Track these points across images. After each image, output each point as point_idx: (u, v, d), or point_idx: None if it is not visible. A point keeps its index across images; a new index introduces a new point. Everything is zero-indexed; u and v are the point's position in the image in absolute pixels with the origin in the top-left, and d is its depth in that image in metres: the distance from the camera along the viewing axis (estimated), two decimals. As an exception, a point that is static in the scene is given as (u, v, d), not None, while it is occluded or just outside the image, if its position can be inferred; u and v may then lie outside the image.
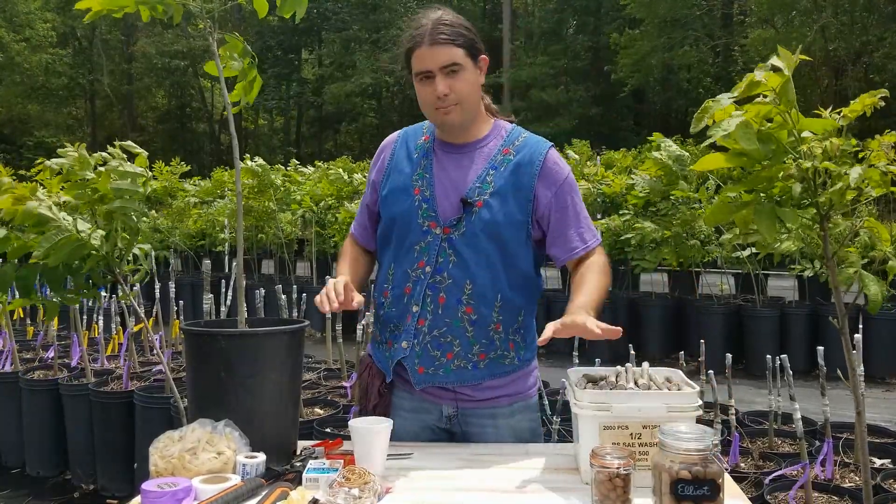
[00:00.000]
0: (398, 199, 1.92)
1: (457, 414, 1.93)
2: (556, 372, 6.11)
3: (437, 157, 1.94)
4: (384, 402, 1.95)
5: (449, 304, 1.86)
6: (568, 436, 3.06)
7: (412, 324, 1.88)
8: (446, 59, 1.81)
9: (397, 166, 1.97)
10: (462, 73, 1.84)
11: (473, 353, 1.88)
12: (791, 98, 1.64)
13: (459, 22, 1.88)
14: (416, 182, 1.92)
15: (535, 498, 1.58)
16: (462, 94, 1.84)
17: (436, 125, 1.95)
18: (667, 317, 7.16)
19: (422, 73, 1.84)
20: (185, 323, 1.81)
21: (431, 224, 1.87)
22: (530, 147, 1.93)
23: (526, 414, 1.98)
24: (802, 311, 6.55)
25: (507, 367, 1.92)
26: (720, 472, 1.35)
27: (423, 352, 1.88)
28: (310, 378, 4.39)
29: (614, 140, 22.57)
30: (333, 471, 1.56)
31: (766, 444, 3.33)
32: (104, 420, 3.95)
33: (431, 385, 1.90)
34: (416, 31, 1.85)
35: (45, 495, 4.08)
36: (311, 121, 31.92)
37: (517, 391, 1.96)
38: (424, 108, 1.90)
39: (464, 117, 1.88)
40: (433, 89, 1.83)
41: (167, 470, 1.54)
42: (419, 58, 1.83)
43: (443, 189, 1.89)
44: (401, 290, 1.91)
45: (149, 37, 29.77)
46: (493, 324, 1.87)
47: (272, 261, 9.77)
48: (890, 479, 2.87)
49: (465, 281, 1.85)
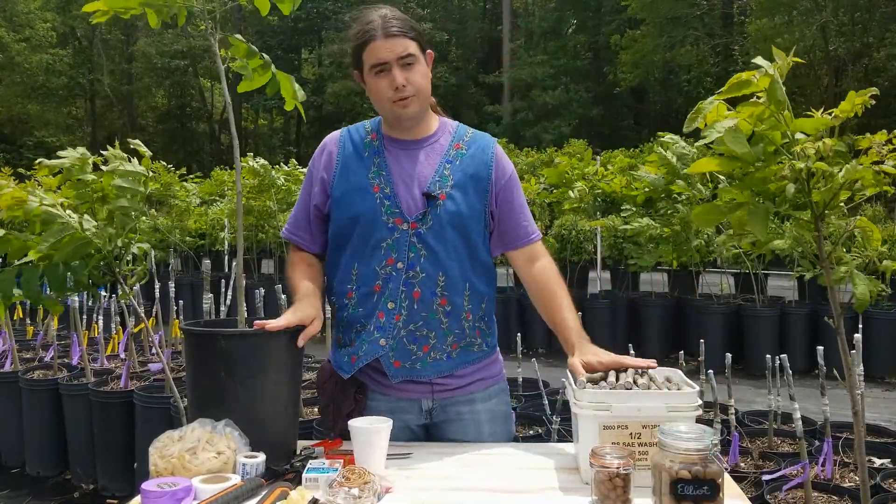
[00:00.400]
0: (357, 198, 1.90)
1: (436, 405, 1.95)
2: (555, 372, 6.11)
3: (390, 153, 1.94)
4: (360, 406, 1.93)
5: (424, 297, 1.87)
6: (568, 435, 3.06)
7: (387, 319, 1.87)
8: (402, 49, 1.83)
9: (347, 165, 1.94)
10: (416, 64, 1.86)
11: (447, 343, 1.90)
12: (780, 99, 1.63)
13: (406, 17, 1.91)
14: (372, 180, 1.91)
15: (535, 498, 1.58)
16: (418, 86, 1.87)
17: (391, 120, 1.94)
18: (666, 316, 7.16)
19: (377, 65, 1.84)
20: (185, 322, 1.81)
21: (397, 220, 1.87)
22: (479, 141, 2.00)
23: (501, 397, 2.05)
24: (802, 311, 6.55)
25: (476, 354, 1.96)
26: (720, 472, 1.35)
27: (398, 346, 1.88)
28: (310, 378, 4.39)
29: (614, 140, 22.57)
30: (333, 470, 1.56)
31: (766, 443, 3.33)
32: (104, 420, 3.96)
33: (408, 379, 1.91)
34: (367, 25, 1.86)
35: (45, 495, 4.09)
36: (310, 120, 31.92)
37: (490, 375, 2.01)
38: (380, 103, 1.89)
39: (420, 109, 1.90)
40: (390, 81, 1.84)
41: (167, 470, 1.54)
42: (373, 51, 1.84)
43: (403, 185, 1.90)
44: (369, 289, 1.89)
45: (149, 36, 29.74)
46: (464, 312, 1.91)
47: (272, 260, 9.77)
48: (890, 479, 2.87)
49: (438, 273, 1.87)
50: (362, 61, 1.88)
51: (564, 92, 24.68)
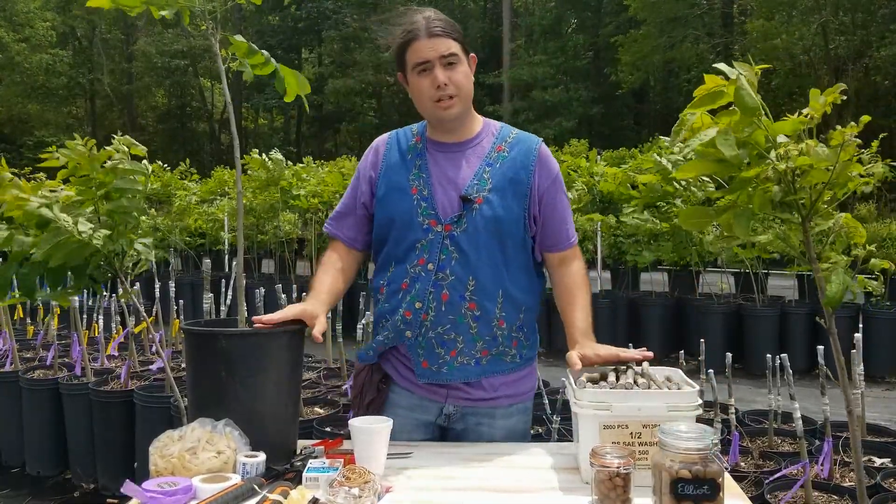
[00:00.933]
0: (395, 199, 1.92)
1: (456, 412, 1.94)
2: (556, 371, 6.12)
3: (431, 156, 1.95)
4: (381, 397, 1.95)
5: (452, 300, 1.86)
6: (568, 435, 3.06)
7: (414, 318, 1.88)
8: (445, 49, 1.84)
9: (392, 166, 1.97)
10: (459, 65, 1.87)
11: (476, 349, 1.89)
12: (749, 104, 1.63)
13: (450, 20, 1.93)
14: (412, 181, 1.92)
15: (535, 497, 1.58)
16: (460, 86, 1.87)
17: (433, 121, 1.96)
18: (667, 316, 7.17)
19: (420, 64, 1.86)
20: (186, 322, 1.81)
21: (432, 222, 1.88)
22: (523, 142, 1.98)
23: (522, 416, 2.02)
24: (802, 311, 6.56)
25: (508, 365, 1.94)
26: (720, 472, 1.35)
27: (427, 345, 1.89)
28: (310, 377, 4.39)
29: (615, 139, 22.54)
30: (333, 470, 1.56)
31: (766, 443, 3.33)
32: (104, 419, 3.96)
33: (433, 382, 1.91)
34: (411, 25, 1.87)
35: (46, 494, 4.09)
36: (310, 120, 31.91)
37: (518, 392, 1.98)
38: (422, 102, 1.91)
39: (462, 110, 1.91)
40: (432, 80, 1.85)
41: (167, 469, 1.54)
42: (416, 50, 1.85)
43: (440, 187, 1.91)
44: (397, 286, 1.91)
45: (149, 36, 29.74)
46: (496, 319, 1.89)
47: (272, 260, 9.77)
48: (890, 479, 2.87)
49: (468, 277, 1.86)
50: (405, 61, 1.89)
51: (564, 91, 24.67)
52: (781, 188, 1.73)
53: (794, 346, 6.22)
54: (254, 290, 4.20)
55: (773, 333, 6.45)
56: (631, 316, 7.32)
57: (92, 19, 28.58)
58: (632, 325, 7.27)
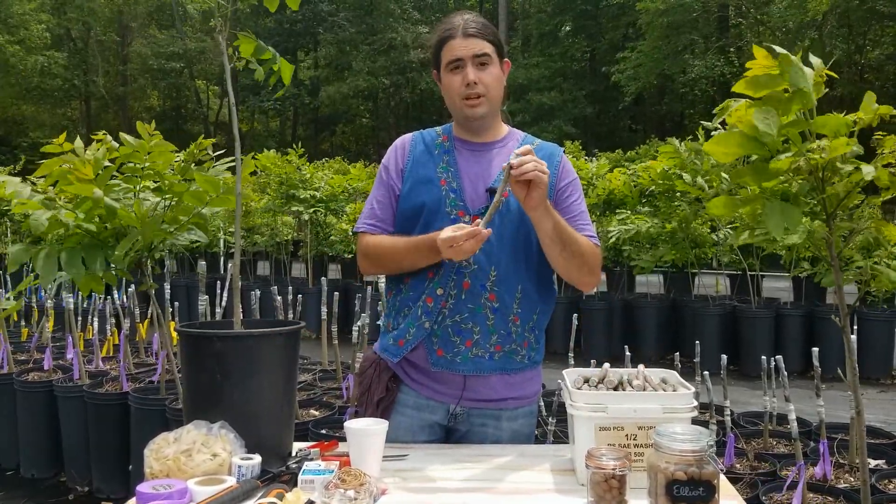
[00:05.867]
0: (423, 190, 1.95)
1: (462, 413, 1.96)
2: (551, 373, 6.09)
3: (459, 152, 2.00)
4: (391, 396, 1.96)
5: (473, 289, 1.89)
6: (564, 437, 3.06)
7: (434, 305, 1.90)
8: (478, 48, 1.90)
9: (418, 160, 2.00)
10: (490, 66, 1.93)
11: (491, 342, 1.91)
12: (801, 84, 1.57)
13: (488, 23, 1.99)
14: (440, 174, 1.96)
15: (531, 499, 1.58)
16: (489, 86, 1.93)
17: (460, 119, 2.00)
18: (662, 318, 7.18)
19: (453, 61, 1.92)
20: (181, 324, 1.81)
21: (460, 213, 1.91)
22: (547, 149, 2.04)
23: (528, 419, 2.04)
24: (797, 312, 6.57)
25: (517, 364, 1.96)
26: (715, 473, 1.35)
27: (442, 334, 1.90)
28: (305, 379, 4.39)
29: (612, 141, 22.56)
30: (329, 472, 1.56)
31: (762, 444, 3.34)
32: (99, 421, 3.95)
33: (446, 371, 1.92)
34: (448, 25, 1.95)
35: (40, 497, 4.07)
36: (306, 122, 31.90)
37: (524, 395, 2.00)
38: (451, 99, 1.96)
39: (488, 110, 1.95)
40: (463, 77, 1.91)
41: (162, 472, 1.54)
42: (451, 48, 1.92)
43: (469, 181, 1.95)
44: (423, 275, 1.93)
45: (144, 37, 29.70)
46: (512, 315, 1.92)
47: (267, 262, 9.76)
48: (885, 480, 2.88)
49: (491, 267, 1.89)
50: (441, 59, 1.95)
51: (560, 94, 24.71)
52: (810, 182, 1.71)
53: (789, 347, 6.23)
54: (249, 292, 4.19)
55: (768, 335, 6.46)
56: (626, 318, 7.33)
57: (87, 21, 28.53)
58: (627, 327, 7.28)
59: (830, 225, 1.79)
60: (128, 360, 4.49)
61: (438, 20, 2.06)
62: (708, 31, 22.68)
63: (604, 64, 24.95)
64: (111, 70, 30.67)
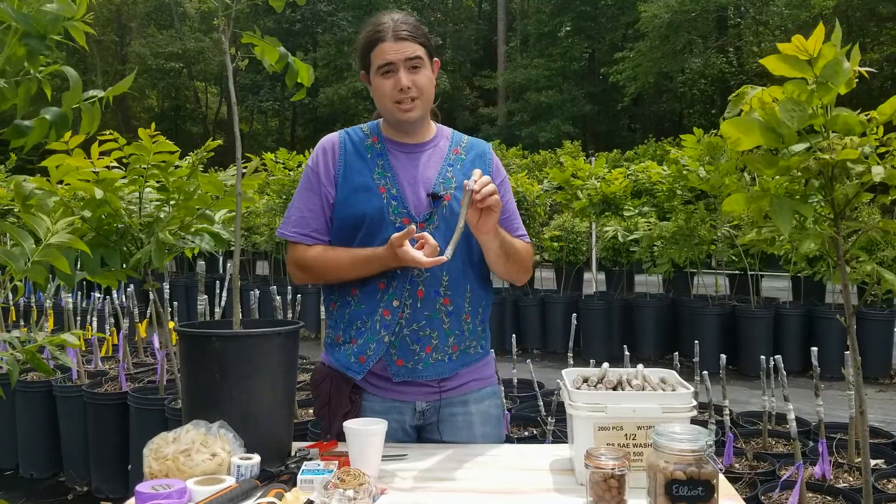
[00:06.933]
0: (362, 199, 1.91)
1: (430, 407, 1.96)
2: (550, 373, 6.12)
3: (392, 155, 1.97)
4: (356, 407, 1.93)
5: (427, 296, 1.89)
6: (563, 437, 3.06)
7: (392, 317, 1.89)
8: (410, 52, 1.87)
9: (350, 166, 1.95)
10: (423, 68, 1.90)
11: (449, 344, 1.92)
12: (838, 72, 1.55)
13: (417, 23, 1.94)
14: (378, 180, 1.92)
15: (530, 499, 1.58)
16: (422, 89, 1.90)
17: (392, 122, 1.97)
18: (661, 317, 7.18)
19: (384, 65, 1.88)
20: (180, 324, 1.81)
21: (405, 220, 1.89)
22: (477, 147, 2.05)
23: (493, 399, 2.06)
24: (796, 312, 6.57)
25: (473, 356, 1.99)
26: (714, 473, 1.35)
27: (401, 344, 1.89)
28: (304, 379, 4.39)
29: (610, 141, 22.58)
30: (328, 472, 1.56)
31: (761, 444, 3.34)
32: (98, 421, 3.95)
33: (409, 379, 1.91)
34: (378, 27, 1.90)
35: (39, 497, 4.08)
36: (305, 122, 31.87)
37: (484, 376, 2.04)
38: (383, 103, 1.92)
39: (422, 113, 1.94)
40: (395, 82, 1.88)
41: (161, 471, 1.54)
42: (381, 51, 1.88)
43: (408, 185, 1.93)
44: (374, 286, 1.90)
45: (143, 37, 29.68)
46: (464, 314, 1.94)
47: (267, 262, 9.76)
48: (884, 479, 2.88)
49: (442, 273, 1.89)
50: (370, 61, 1.91)
51: (559, 93, 24.71)
52: (820, 181, 1.70)
53: (788, 347, 6.23)
54: (248, 292, 4.19)
55: (767, 335, 6.46)
56: (626, 318, 7.33)
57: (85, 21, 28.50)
58: (627, 327, 7.28)
59: (838, 225, 1.79)
60: (127, 359, 4.49)
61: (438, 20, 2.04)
62: (707, 31, 22.70)
63: (603, 64, 24.97)
64: (110, 70, 30.64)
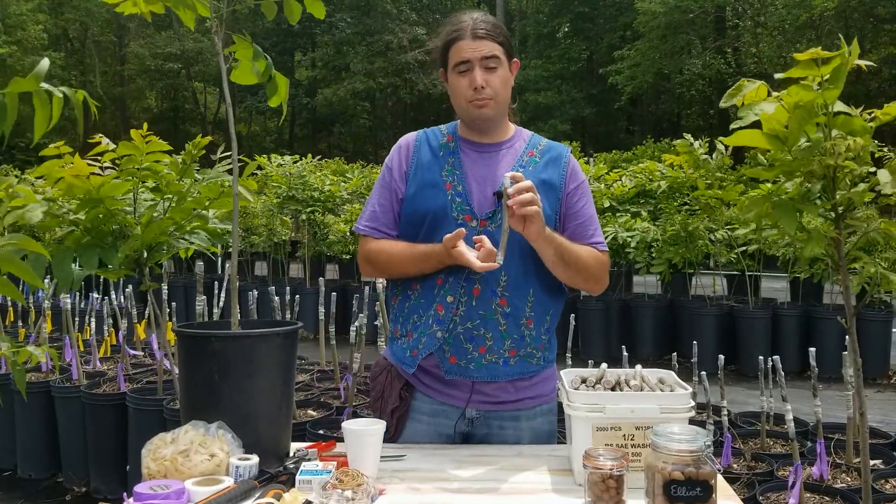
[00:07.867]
0: (429, 195, 1.92)
1: (479, 416, 1.94)
2: (549, 373, 6.13)
3: (464, 154, 1.97)
4: (405, 405, 1.94)
5: (483, 295, 1.87)
6: (561, 437, 3.06)
7: (446, 313, 1.88)
8: (487, 51, 1.87)
9: (423, 163, 1.97)
10: (499, 68, 1.90)
11: (505, 348, 1.89)
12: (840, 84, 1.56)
13: (497, 23, 1.95)
14: (445, 178, 1.93)
15: (528, 499, 1.58)
16: (497, 89, 1.90)
17: (467, 120, 1.98)
18: (660, 318, 7.19)
19: (460, 63, 1.89)
20: (179, 324, 1.81)
21: (467, 217, 1.89)
22: (554, 149, 2.02)
23: (547, 417, 2.02)
24: (794, 313, 6.58)
25: (534, 367, 1.94)
26: (713, 473, 1.35)
27: (454, 341, 1.88)
28: (303, 380, 4.39)
29: (609, 142, 22.58)
30: (327, 472, 1.56)
31: (759, 444, 3.34)
32: (96, 422, 3.94)
33: (460, 378, 1.90)
34: (457, 25, 1.91)
35: (38, 497, 4.07)
36: (304, 122, 31.85)
37: (541, 394, 1.98)
38: (458, 101, 1.93)
39: (496, 112, 1.93)
40: (471, 80, 1.88)
41: (160, 472, 1.54)
42: (459, 49, 1.89)
43: (475, 183, 1.92)
44: (432, 282, 1.90)
45: (142, 38, 29.66)
46: (524, 319, 1.90)
47: (265, 262, 9.76)
48: (882, 480, 2.88)
49: (501, 272, 1.86)
50: (448, 59, 1.92)
51: (557, 94, 24.72)
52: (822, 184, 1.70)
53: (786, 347, 6.24)
54: (247, 293, 4.19)
55: (765, 335, 6.47)
56: (624, 318, 7.34)
57: (84, 21, 28.49)
58: (625, 328, 7.28)
59: (839, 226, 1.79)
60: (125, 360, 4.49)
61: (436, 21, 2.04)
62: (705, 32, 22.71)
63: (601, 66, 24.98)
64: (109, 70, 30.65)
